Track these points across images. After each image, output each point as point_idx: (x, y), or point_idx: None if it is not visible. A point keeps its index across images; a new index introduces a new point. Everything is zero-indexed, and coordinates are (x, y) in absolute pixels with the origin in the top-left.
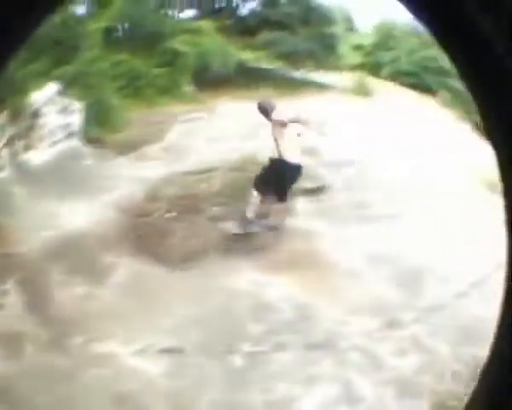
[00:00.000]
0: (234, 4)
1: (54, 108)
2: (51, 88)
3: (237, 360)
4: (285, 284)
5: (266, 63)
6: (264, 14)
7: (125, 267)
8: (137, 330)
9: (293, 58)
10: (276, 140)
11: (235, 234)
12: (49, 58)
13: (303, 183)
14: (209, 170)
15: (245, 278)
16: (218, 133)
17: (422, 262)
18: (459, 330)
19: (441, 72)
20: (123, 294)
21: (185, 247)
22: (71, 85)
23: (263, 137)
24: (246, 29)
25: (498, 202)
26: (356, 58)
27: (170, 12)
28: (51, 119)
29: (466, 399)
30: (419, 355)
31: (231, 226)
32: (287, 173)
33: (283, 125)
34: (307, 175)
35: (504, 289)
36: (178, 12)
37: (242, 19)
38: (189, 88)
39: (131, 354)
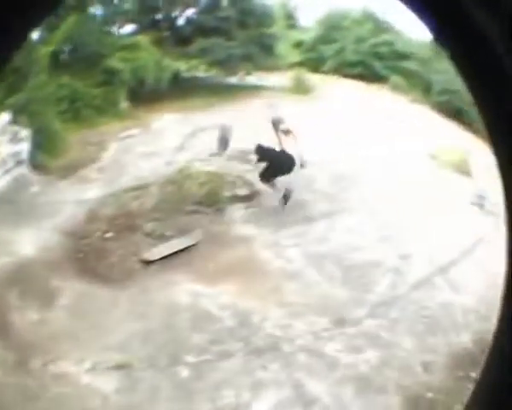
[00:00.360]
0: (172, 15)
1: (5, 137)
2: (3, 118)
3: (183, 372)
4: (224, 292)
5: (201, 72)
6: (200, 22)
7: (71, 289)
8: (88, 349)
9: (228, 64)
10: (280, 143)
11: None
12: (3, 87)
13: (237, 190)
14: (144, 186)
15: (184, 291)
16: (152, 148)
17: (371, 257)
18: (424, 320)
19: (394, 56)
20: (71, 315)
21: (124, 265)
22: (20, 113)
23: (195, 147)
24: (182, 39)
25: (459, 183)
26: (296, 56)
27: (111, 29)
28: (3, 148)
29: (445, 389)
30: (378, 351)
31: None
32: (288, 161)
33: (287, 132)
34: (241, 181)
35: (504, 286)
36: (119, 28)
37: (179, 29)
38: (124, 105)
39: (85, 372)
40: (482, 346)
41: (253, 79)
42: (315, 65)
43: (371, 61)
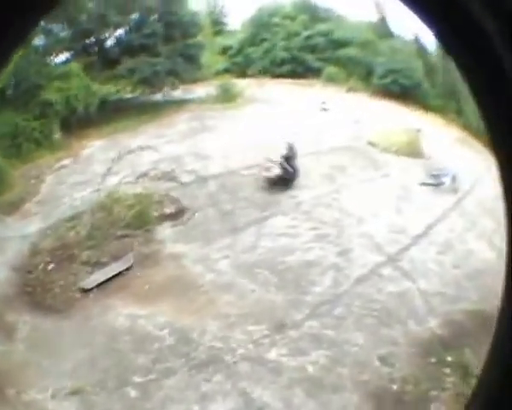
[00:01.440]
0: (102, 37)
1: None
2: None
3: (132, 392)
4: (161, 312)
5: (128, 93)
6: (127, 42)
7: (25, 322)
8: (48, 377)
9: (154, 81)
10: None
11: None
12: None
13: (164, 209)
14: (77, 216)
15: (122, 315)
16: (83, 177)
17: (306, 257)
18: (373, 313)
19: (331, 46)
20: (30, 346)
21: (66, 295)
22: None
23: (122, 171)
24: (110, 61)
25: (407, 165)
26: (222, 63)
27: (49, 59)
28: None
29: (414, 379)
30: (325, 350)
31: None
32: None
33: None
34: (168, 200)
35: (504, 285)
36: (55, 57)
37: (107, 51)
38: (58, 136)
39: (50, 399)
40: (454, 328)
41: (179, 93)
42: (242, 69)
43: (303, 56)
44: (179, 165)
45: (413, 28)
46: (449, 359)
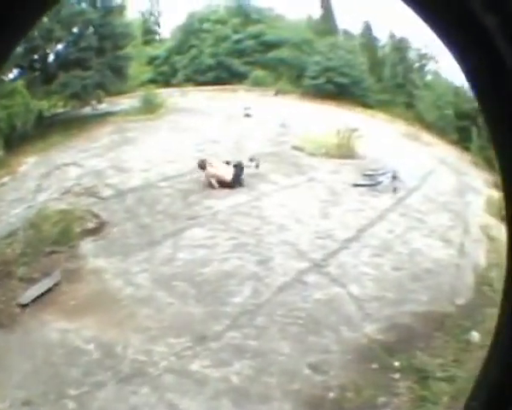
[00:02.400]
0: (46, 52)
1: None
2: None
3: (69, 404)
4: (86, 326)
5: (60, 108)
6: (65, 55)
7: None
8: (5, 389)
9: (83, 95)
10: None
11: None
12: None
13: (86, 224)
14: (14, 233)
15: (54, 329)
16: (18, 194)
17: (224, 268)
18: (298, 321)
19: (261, 48)
20: None
21: (8, 310)
22: None
23: (50, 187)
24: (49, 76)
25: (338, 168)
26: (147, 73)
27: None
28: None
29: (354, 386)
30: (248, 360)
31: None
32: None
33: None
34: (90, 215)
35: (505, 284)
36: (7, 74)
37: (48, 66)
38: (1, 153)
39: (8, 408)
40: (399, 332)
41: (105, 106)
42: (167, 79)
43: (229, 61)
44: (101, 179)
45: (363, 21)
46: (396, 364)
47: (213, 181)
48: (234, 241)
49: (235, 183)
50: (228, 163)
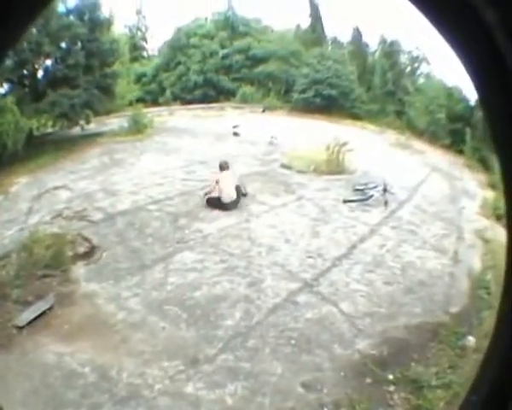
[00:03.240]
0: (35, 67)
1: None
2: None
3: None
4: (81, 350)
5: (49, 127)
6: (53, 72)
7: None
8: (7, 407)
9: (71, 115)
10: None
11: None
12: None
13: (78, 248)
14: (7, 255)
15: (50, 352)
16: (10, 215)
17: (215, 292)
18: (291, 341)
19: (249, 63)
20: None
21: (5, 331)
22: None
23: (41, 210)
24: (38, 94)
25: (327, 184)
26: (135, 92)
27: None
28: None
29: (348, 401)
30: (242, 381)
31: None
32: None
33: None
34: (81, 239)
35: (504, 284)
36: None
37: (37, 83)
38: None
39: None
40: (392, 346)
41: (93, 126)
42: (155, 97)
43: (216, 78)
44: (90, 202)
45: (353, 27)
46: (390, 377)
47: (215, 194)
48: (224, 264)
49: (235, 206)
50: None
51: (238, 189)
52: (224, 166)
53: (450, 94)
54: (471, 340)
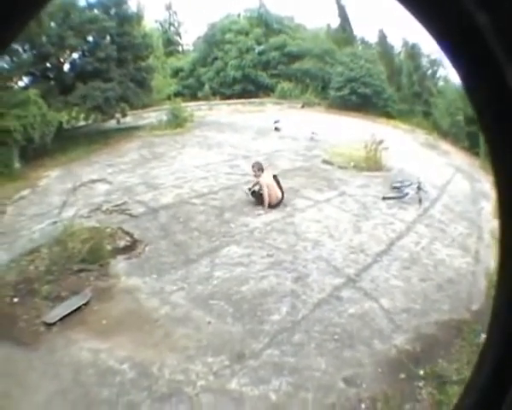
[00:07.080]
0: (60, 61)
1: None
2: None
3: None
4: (120, 346)
5: (81, 120)
6: (81, 66)
7: None
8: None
9: (105, 108)
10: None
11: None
12: None
13: (118, 242)
14: (36, 249)
15: (84, 348)
16: (40, 208)
17: (261, 286)
18: (334, 336)
19: (285, 59)
20: (3, 377)
21: (31, 328)
22: None
23: (77, 203)
24: (66, 87)
25: (367, 181)
26: (173, 86)
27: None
28: None
29: (383, 396)
30: (286, 377)
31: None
32: None
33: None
34: (121, 233)
35: (497, 280)
36: (17, 82)
37: (64, 76)
38: (18, 165)
39: None
40: (424, 342)
41: (130, 119)
42: (194, 92)
43: (254, 74)
44: (131, 196)
45: (378, 29)
46: (421, 372)
47: (265, 193)
48: (270, 258)
49: (280, 202)
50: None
51: (278, 183)
52: (260, 168)
53: (465, 98)
54: (484, 337)
